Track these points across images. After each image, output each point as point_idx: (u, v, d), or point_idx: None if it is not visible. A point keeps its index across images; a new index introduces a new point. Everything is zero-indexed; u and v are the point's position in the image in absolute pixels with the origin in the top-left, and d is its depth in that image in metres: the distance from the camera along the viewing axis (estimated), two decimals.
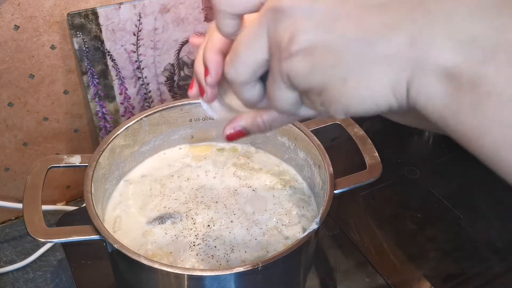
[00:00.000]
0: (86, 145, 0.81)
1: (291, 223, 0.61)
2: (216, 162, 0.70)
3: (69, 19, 0.67)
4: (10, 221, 0.81)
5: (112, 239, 0.50)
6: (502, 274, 0.67)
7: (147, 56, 0.75)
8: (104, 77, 0.74)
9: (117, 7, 0.69)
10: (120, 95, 0.77)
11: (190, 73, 0.81)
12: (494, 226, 0.73)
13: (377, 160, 0.61)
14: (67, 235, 0.52)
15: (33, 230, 0.51)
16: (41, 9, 0.66)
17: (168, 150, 0.72)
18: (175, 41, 0.76)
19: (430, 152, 0.90)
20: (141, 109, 0.80)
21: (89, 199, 0.54)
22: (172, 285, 0.52)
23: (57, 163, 0.59)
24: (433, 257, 0.68)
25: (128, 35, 0.72)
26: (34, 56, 0.69)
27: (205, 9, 0.76)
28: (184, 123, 0.70)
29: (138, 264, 0.48)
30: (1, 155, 0.75)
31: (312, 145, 0.62)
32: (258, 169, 0.69)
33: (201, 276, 0.49)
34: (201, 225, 0.61)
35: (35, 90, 0.72)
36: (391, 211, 0.76)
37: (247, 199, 0.64)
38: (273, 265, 0.49)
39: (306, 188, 0.67)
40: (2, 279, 0.72)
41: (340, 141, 0.86)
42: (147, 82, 0.78)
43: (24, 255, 0.75)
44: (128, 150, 0.66)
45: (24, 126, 0.74)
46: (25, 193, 0.55)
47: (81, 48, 0.70)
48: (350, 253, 0.69)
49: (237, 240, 0.59)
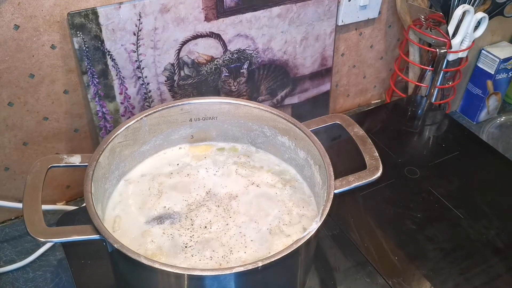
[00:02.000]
0: (86, 145, 0.81)
1: (292, 222, 0.61)
2: (217, 161, 0.70)
3: (69, 19, 0.67)
4: (10, 221, 0.81)
5: (112, 239, 0.50)
6: (502, 274, 0.67)
7: (147, 55, 0.75)
8: (104, 76, 0.74)
9: (117, 6, 0.69)
10: (120, 95, 0.77)
11: (190, 73, 0.81)
12: (494, 226, 0.73)
13: (377, 160, 0.61)
14: (67, 235, 0.52)
15: (33, 230, 0.51)
16: (41, 8, 0.66)
17: (168, 149, 0.72)
18: (175, 41, 0.76)
19: (430, 152, 0.90)
20: (141, 109, 0.80)
21: (89, 199, 0.54)
22: (172, 285, 0.52)
23: (57, 162, 0.59)
24: (433, 257, 0.68)
25: (128, 35, 0.72)
26: (34, 56, 0.69)
27: (205, 9, 0.76)
28: (184, 122, 0.70)
29: (138, 264, 0.48)
30: (1, 154, 0.75)
31: (312, 145, 0.62)
32: (259, 167, 0.69)
33: (201, 276, 0.48)
34: (201, 226, 0.61)
35: (35, 90, 0.72)
36: (391, 211, 0.75)
37: (248, 198, 0.64)
38: (273, 265, 0.48)
39: (306, 188, 0.67)
40: (2, 278, 0.72)
41: (340, 141, 0.86)
42: (147, 82, 0.78)
43: (24, 254, 0.75)
44: (128, 150, 0.66)
45: (24, 126, 0.74)
46: (25, 192, 0.54)
47: (81, 48, 0.70)
48: (350, 253, 0.69)
49: (237, 240, 0.59)
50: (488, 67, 1.05)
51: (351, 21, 0.94)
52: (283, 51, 0.88)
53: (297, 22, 0.86)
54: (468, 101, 1.12)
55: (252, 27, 0.82)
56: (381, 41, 1.03)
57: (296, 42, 0.88)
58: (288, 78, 0.92)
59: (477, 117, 1.11)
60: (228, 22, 0.79)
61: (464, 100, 1.13)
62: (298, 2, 0.83)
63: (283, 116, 0.66)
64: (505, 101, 1.16)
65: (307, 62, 0.92)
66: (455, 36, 0.93)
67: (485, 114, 1.11)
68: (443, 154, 0.87)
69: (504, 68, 1.04)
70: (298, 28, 0.86)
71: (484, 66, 1.06)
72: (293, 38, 0.87)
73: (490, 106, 1.10)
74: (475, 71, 1.09)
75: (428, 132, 0.95)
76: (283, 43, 0.87)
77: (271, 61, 0.88)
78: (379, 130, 0.92)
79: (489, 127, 1.06)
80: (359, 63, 1.04)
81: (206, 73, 0.82)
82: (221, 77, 0.84)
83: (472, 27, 0.92)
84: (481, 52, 1.07)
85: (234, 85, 0.86)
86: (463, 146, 0.88)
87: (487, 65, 1.05)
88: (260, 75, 0.88)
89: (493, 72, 1.04)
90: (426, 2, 0.95)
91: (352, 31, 0.97)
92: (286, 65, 0.90)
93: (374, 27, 0.99)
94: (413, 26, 0.95)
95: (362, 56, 1.03)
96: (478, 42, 1.01)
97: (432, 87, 0.99)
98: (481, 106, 1.09)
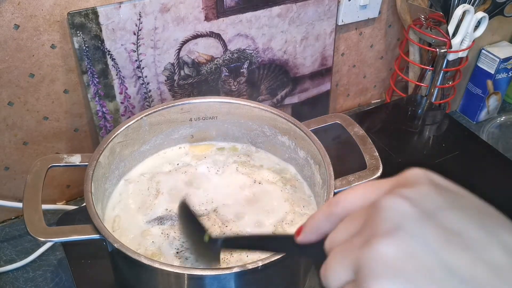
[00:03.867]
0: (86, 145, 0.81)
1: (293, 222, 0.61)
2: (217, 161, 0.70)
3: (69, 18, 0.67)
4: (10, 220, 0.81)
5: (112, 239, 0.50)
6: None
7: (147, 55, 0.75)
8: (104, 76, 0.74)
9: (117, 6, 0.69)
10: (120, 95, 0.77)
11: (190, 73, 0.81)
12: None
13: (377, 159, 0.61)
14: (67, 234, 0.52)
15: (33, 230, 0.51)
16: (41, 8, 0.66)
17: (168, 149, 0.72)
18: (175, 41, 0.76)
19: (430, 152, 0.90)
20: (141, 109, 0.80)
21: (89, 199, 0.54)
22: (172, 284, 0.52)
23: (57, 162, 0.59)
24: None
25: (128, 35, 0.72)
26: (34, 55, 0.69)
27: (205, 9, 0.76)
28: (184, 122, 0.70)
29: (138, 264, 0.48)
30: (1, 154, 0.75)
31: (312, 144, 0.62)
32: (259, 166, 0.69)
33: (201, 275, 0.48)
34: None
35: (35, 90, 0.72)
36: None
37: (249, 197, 0.64)
38: (273, 265, 0.48)
39: (307, 187, 0.67)
40: (2, 278, 0.72)
41: (340, 141, 0.86)
42: (147, 82, 0.78)
43: (24, 254, 0.75)
44: (128, 150, 0.66)
45: (24, 125, 0.74)
46: (25, 192, 0.54)
47: (81, 48, 0.70)
48: None
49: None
50: (488, 67, 1.05)
51: (351, 20, 0.94)
52: (283, 50, 0.88)
53: (297, 21, 0.86)
54: (468, 101, 1.12)
55: (252, 26, 0.82)
56: (381, 41, 1.03)
57: (296, 42, 0.88)
58: (288, 78, 0.92)
59: (477, 117, 1.11)
60: (228, 22, 0.79)
61: (464, 100, 1.13)
62: (298, 2, 0.83)
63: (283, 116, 0.66)
64: (505, 101, 1.16)
65: (307, 62, 0.92)
66: (455, 35, 0.93)
67: (485, 114, 1.11)
68: (443, 154, 0.87)
69: (504, 68, 1.04)
70: (298, 27, 0.86)
71: (484, 66, 1.06)
72: (293, 38, 0.87)
73: (490, 106, 1.10)
74: (475, 71, 1.09)
75: (428, 132, 0.95)
76: (283, 43, 0.87)
77: (271, 60, 0.88)
78: (379, 130, 0.92)
79: (489, 127, 1.06)
80: (359, 63, 1.04)
81: (206, 73, 0.82)
82: (221, 76, 0.84)
83: (472, 27, 0.92)
84: (481, 52, 1.07)
85: (234, 84, 0.86)
86: (463, 146, 0.88)
87: (487, 65, 1.05)
88: (260, 75, 0.88)
89: (493, 72, 1.04)
90: (426, 2, 0.95)
91: (352, 30, 0.97)
92: (286, 64, 0.90)
93: (374, 26, 0.99)
94: (413, 26, 0.95)
95: (362, 55, 1.03)
96: (478, 42, 1.01)
97: (432, 87, 0.99)
98: (481, 106, 1.09)
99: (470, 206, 0.27)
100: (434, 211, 0.26)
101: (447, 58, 0.95)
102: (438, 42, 0.93)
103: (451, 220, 0.26)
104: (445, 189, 0.28)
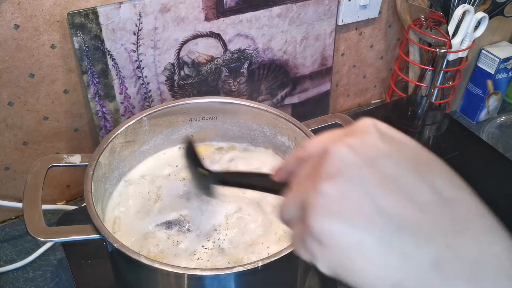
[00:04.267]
0: (86, 145, 0.81)
1: None
2: (216, 160, 0.70)
3: (69, 18, 0.67)
4: (10, 220, 0.81)
5: (112, 239, 0.50)
6: None
7: (147, 55, 0.75)
8: (104, 76, 0.74)
9: (117, 6, 0.69)
10: (120, 95, 0.77)
11: (190, 73, 0.81)
12: None
13: None
14: (67, 234, 0.52)
15: (33, 230, 0.51)
16: (41, 8, 0.66)
17: (168, 149, 0.72)
18: (175, 41, 0.76)
19: None
20: (141, 109, 0.80)
21: (89, 199, 0.54)
22: (172, 285, 0.52)
23: (57, 162, 0.59)
24: None
25: (128, 35, 0.72)
26: (34, 55, 0.69)
27: (205, 9, 0.76)
28: (184, 122, 0.70)
29: (138, 264, 0.48)
30: (1, 154, 0.75)
31: None
32: (260, 165, 0.69)
33: (201, 275, 0.48)
34: (201, 227, 0.60)
35: (35, 90, 0.72)
36: None
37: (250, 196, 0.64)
38: (273, 265, 0.48)
39: None
40: (2, 278, 0.72)
41: None
42: (147, 82, 0.78)
43: (24, 254, 0.75)
44: (128, 150, 0.66)
45: (24, 125, 0.74)
46: (25, 192, 0.54)
47: (81, 48, 0.70)
48: None
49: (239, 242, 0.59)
50: (488, 67, 1.05)
51: (351, 20, 0.94)
52: (283, 50, 0.88)
53: (297, 21, 0.86)
54: (468, 101, 1.12)
55: (252, 26, 0.82)
56: (381, 41, 1.03)
57: (296, 42, 0.88)
58: (288, 78, 0.92)
59: (477, 117, 1.11)
60: (228, 22, 0.79)
61: (464, 100, 1.13)
62: (298, 2, 0.83)
63: (283, 116, 0.66)
64: (505, 101, 1.16)
65: (307, 62, 0.92)
66: (455, 36, 0.93)
67: (485, 114, 1.11)
68: (443, 154, 0.86)
69: (504, 68, 1.04)
70: (298, 27, 0.86)
71: (484, 66, 1.06)
72: (293, 38, 0.87)
73: (490, 106, 1.10)
74: (475, 71, 1.09)
75: (428, 132, 0.95)
76: (283, 43, 0.87)
77: (271, 60, 0.88)
78: None
79: (489, 127, 1.06)
80: (359, 63, 1.04)
81: (206, 73, 0.82)
82: (221, 77, 0.84)
83: (472, 27, 0.92)
84: (481, 52, 1.07)
85: (234, 84, 0.86)
86: (463, 146, 0.88)
87: (487, 65, 1.05)
88: (260, 75, 0.88)
89: (493, 72, 1.04)
90: (426, 2, 0.95)
91: (352, 30, 0.97)
92: (286, 64, 0.90)
93: (374, 26, 0.99)
94: (413, 26, 0.95)
95: (362, 55, 1.03)
96: (478, 42, 1.01)
97: (432, 87, 0.99)
98: (481, 106, 1.09)
99: (410, 154, 0.29)
100: (375, 158, 0.28)
101: (447, 58, 0.95)
102: (438, 42, 0.93)
103: (389, 166, 0.28)
104: (390, 138, 0.30)
